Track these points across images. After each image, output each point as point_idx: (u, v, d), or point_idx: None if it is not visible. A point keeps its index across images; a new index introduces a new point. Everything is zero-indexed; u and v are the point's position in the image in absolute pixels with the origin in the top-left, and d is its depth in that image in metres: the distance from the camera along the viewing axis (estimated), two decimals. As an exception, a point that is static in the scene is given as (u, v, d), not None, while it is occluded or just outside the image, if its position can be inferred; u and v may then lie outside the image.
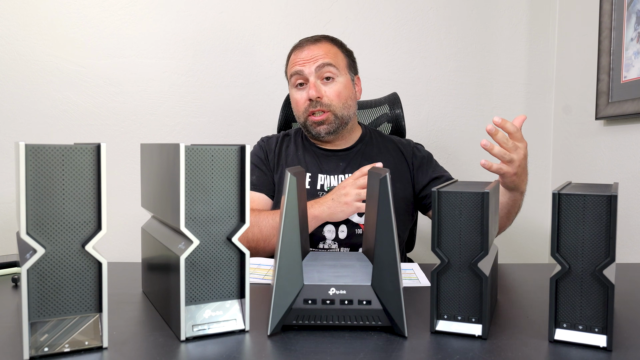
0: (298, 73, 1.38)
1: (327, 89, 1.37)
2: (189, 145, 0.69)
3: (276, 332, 0.72)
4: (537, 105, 2.16)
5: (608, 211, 0.66)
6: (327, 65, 1.36)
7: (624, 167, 1.69)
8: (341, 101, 1.37)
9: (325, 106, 1.36)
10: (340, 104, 1.37)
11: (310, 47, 1.39)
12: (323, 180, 1.39)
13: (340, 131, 1.40)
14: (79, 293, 0.64)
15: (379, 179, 0.71)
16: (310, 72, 1.36)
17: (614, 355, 0.66)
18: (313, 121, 1.37)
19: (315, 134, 1.39)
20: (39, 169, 0.61)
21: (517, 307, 0.85)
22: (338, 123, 1.38)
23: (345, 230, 1.34)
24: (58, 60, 1.94)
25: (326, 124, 1.37)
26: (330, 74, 1.37)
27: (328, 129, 1.37)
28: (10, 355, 0.63)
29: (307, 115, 1.38)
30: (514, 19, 2.13)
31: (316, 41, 1.41)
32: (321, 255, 0.87)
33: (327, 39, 1.42)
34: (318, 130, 1.38)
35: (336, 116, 1.37)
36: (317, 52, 1.38)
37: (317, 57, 1.36)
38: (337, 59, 1.39)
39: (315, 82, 1.36)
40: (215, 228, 0.71)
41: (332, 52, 1.39)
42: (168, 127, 2.00)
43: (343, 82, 1.38)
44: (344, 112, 1.38)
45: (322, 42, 1.41)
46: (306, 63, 1.37)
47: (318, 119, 1.36)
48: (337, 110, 1.37)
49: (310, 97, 1.35)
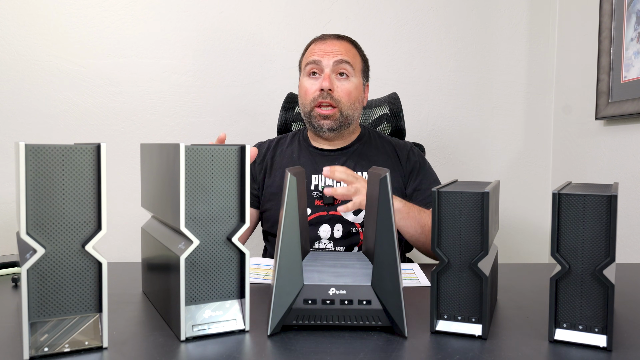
0: (315, 62, 1.38)
1: (340, 84, 1.37)
2: (189, 145, 0.69)
3: (276, 332, 0.72)
4: (537, 105, 2.16)
5: (608, 211, 0.66)
6: (345, 63, 1.37)
7: (624, 167, 1.69)
8: (350, 101, 1.38)
9: (335, 101, 1.36)
10: (349, 104, 1.38)
11: (332, 41, 1.41)
12: (317, 180, 1.39)
13: (342, 130, 1.40)
14: (79, 293, 0.64)
15: (379, 179, 0.71)
16: (328, 65, 1.37)
17: (614, 355, 0.66)
18: (319, 113, 1.37)
19: (317, 127, 1.39)
20: (39, 169, 0.61)
21: (517, 307, 0.85)
22: (342, 121, 1.38)
23: (340, 230, 1.34)
24: (58, 60, 1.94)
25: (331, 120, 1.37)
26: (345, 72, 1.38)
27: (332, 124, 1.38)
28: (10, 355, 0.63)
29: (314, 105, 1.38)
30: (514, 19, 2.13)
31: (339, 38, 1.43)
32: (321, 255, 0.87)
33: (349, 39, 1.44)
34: (321, 123, 1.38)
35: (342, 114, 1.37)
36: (339, 47, 1.39)
37: (337, 52, 1.38)
38: (355, 60, 1.41)
39: (330, 74, 1.37)
40: (215, 228, 0.71)
41: (352, 52, 1.41)
42: (168, 127, 2.00)
43: (355, 84, 1.39)
44: (350, 112, 1.39)
45: (345, 40, 1.43)
46: (326, 55, 1.38)
47: (325, 112, 1.37)
48: (344, 109, 1.37)
49: (323, 87, 1.35)
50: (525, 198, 2.16)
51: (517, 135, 2.16)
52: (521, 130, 2.16)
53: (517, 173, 2.16)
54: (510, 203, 2.13)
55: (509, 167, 2.16)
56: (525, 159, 2.16)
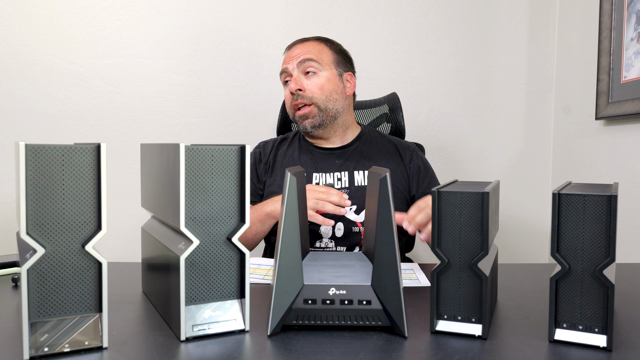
0: (284, 71, 1.42)
1: (308, 82, 1.39)
2: (189, 145, 0.69)
3: (276, 332, 0.72)
4: (537, 105, 2.16)
5: (608, 211, 0.66)
6: (308, 61, 1.39)
7: (624, 167, 1.69)
8: (324, 94, 1.39)
9: (307, 99, 1.38)
10: (324, 97, 1.39)
11: (297, 45, 1.44)
12: (318, 178, 1.40)
13: (327, 125, 1.41)
14: (79, 293, 0.64)
15: (379, 179, 0.71)
16: (293, 68, 1.40)
17: (614, 355, 0.66)
18: (299, 116, 1.40)
19: (302, 128, 1.42)
20: (39, 169, 0.61)
21: (517, 307, 0.85)
22: (323, 116, 1.39)
23: (342, 229, 1.34)
24: (58, 60, 1.94)
25: (310, 118, 1.39)
26: (311, 69, 1.39)
27: (312, 122, 1.39)
28: (10, 355, 0.63)
29: (293, 111, 1.41)
30: (514, 19, 2.13)
31: (303, 41, 1.45)
32: (321, 255, 0.87)
33: (315, 39, 1.46)
34: (304, 124, 1.40)
35: (319, 109, 1.38)
36: (302, 49, 1.41)
37: (300, 54, 1.40)
38: (322, 55, 1.41)
39: (297, 76, 1.39)
40: (215, 228, 0.71)
41: (317, 49, 1.42)
42: (168, 127, 2.00)
43: (326, 76, 1.40)
44: (329, 105, 1.39)
45: (309, 41, 1.44)
46: (291, 60, 1.41)
47: (302, 112, 1.39)
48: (319, 103, 1.38)
49: (290, 89, 1.39)
50: (525, 198, 2.16)
51: (517, 135, 2.16)
52: (521, 130, 2.16)
53: (517, 173, 2.16)
54: (510, 203, 2.13)
55: (509, 167, 2.16)
56: (525, 159, 2.16)
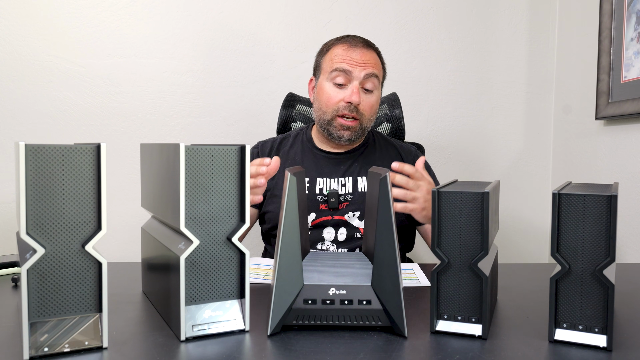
0: (345, 72, 1.33)
1: (365, 97, 1.35)
2: (189, 145, 0.69)
3: (276, 332, 0.72)
4: (537, 105, 2.16)
5: (608, 211, 0.66)
6: (374, 77, 1.34)
7: (624, 167, 1.69)
8: (371, 114, 1.37)
9: (359, 114, 1.34)
10: (369, 117, 1.37)
11: (362, 50, 1.35)
12: (322, 184, 1.38)
13: (357, 140, 1.40)
14: (79, 293, 0.64)
15: (379, 179, 0.71)
16: (358, 77, 1.33)
17: (614, 355, 0.66)
18: (341, 124, 1.34)
19: (336, 136, 1.36)
20: (39, 169, 0.61)
21: (517, 307, 0.85)
22: (360, 133, 1.37)
23: (344, 233, 1.34)
24: (58, 60, 1.94)
25: (351, 131, 1.35)
26: (371, 86, 1.35)
27: (351, 135, 1.36)
28: (10, 355, 0.63)
29: (336, 114, 1.34)
30: (514, 19, 2.13)
31: (368, 46, 1.38)
32: (321, 255, 0.87)
33: (375, 49, 1.40)
34: (341, 134, 1.35)
35: (361, 126, 1.36)
36: (369, 58, 1.35)
37: (368, 65, 1.34)
38: (380, 73, 1.38)
39: (360, 89, 1.33)
40: (215, 228, 0.71)
41: (379, 64, 1.38)
42: (168, 127, 2.00)
43: (377, 97, 1.38)
44: (368, 125, 1.38)
45: (372, 50, 1.38)
46: (357, 66, 1.33)
47: (348, 123, 1.34)
48: (365, 122, 1.36)
49: (352, 101, 1.32)
50: (525, 198, 2.16)
51: (517, 135, 2.16)
52: (521, 130, 2.16)
53: (517, 173, 2.16)
54: (510, 203, 2.13)
55: (509, 167, 2.16)
56: (525, 159, 2.16)
